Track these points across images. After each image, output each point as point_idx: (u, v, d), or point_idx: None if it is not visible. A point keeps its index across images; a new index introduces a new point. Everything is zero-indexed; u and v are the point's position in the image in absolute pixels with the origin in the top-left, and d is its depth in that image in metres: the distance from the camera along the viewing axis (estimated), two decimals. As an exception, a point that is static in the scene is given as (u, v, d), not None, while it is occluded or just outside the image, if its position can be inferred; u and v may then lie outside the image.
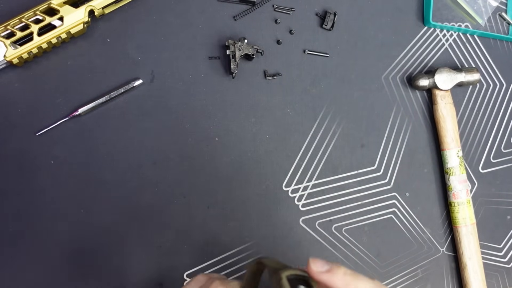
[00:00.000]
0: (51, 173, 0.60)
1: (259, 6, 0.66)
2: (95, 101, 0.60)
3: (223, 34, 0.65)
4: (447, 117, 0.69)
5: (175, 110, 0.63)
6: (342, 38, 0.69)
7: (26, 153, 0.59)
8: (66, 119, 0.60)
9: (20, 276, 0.58)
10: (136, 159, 0.62)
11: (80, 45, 0.61)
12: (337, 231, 0.67)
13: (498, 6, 0.74)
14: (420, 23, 0.72)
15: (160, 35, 0.63)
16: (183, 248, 0.60)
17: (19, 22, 0.57)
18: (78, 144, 0.60)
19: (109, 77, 0.61)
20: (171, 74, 0.63)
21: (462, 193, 0.69)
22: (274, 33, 0.67)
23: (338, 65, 0.68)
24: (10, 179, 0.59)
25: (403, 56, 0.71)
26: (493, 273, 0.72)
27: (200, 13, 0.64)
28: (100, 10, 0.59)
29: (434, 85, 0.68)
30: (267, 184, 0.65)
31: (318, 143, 0.67)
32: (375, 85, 0.70)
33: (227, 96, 0.65)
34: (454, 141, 0.69)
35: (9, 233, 0.58)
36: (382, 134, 0.69)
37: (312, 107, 0.67)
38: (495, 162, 0.73)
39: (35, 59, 0.60)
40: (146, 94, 0.62)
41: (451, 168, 0.69)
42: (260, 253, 0.65)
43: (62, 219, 0.60)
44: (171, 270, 0.62)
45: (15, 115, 0.59)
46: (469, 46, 0.73)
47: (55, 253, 0.59)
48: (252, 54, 0.63)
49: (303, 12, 0.68)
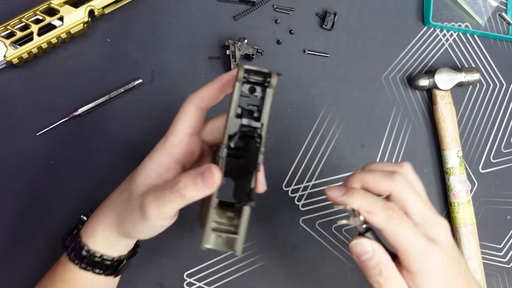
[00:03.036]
0: (51, 173, 0.60)
1: (259, 6, 0.66)
2: (95, 101, 0.60)
3: (223, 34, 0.65)
4: (447, 117, 0.69)
5: (175, 110, 0.63)
6: (342, 38, 0.69)
7: (26, 153, 0.59)
8: (66, 119, 0.60)
9: (20, 276, 0.58)
10: (136, 159, 0.62)
11: (80, 45, 0.61)
12: (337, 231, 0.67)
13: (498, 6, 0.74)
14: (420, 23, 0.72)
15: (160, 35, 0.63)
16: (183, 248, 0.60)
17: (19, 22, 0.57)
18: (78, 144, 0.60)
19: (109, 77, 0.61)
20: (171, 74, 0.63)
21: (462, 193, 0.68)
22: (274, 33, 0.67)
23: (338, 65, 0.68)
24: (10, 179, 0.59)
25: (403, 56, 0.71)
26: (493, 273, 0.72)
27: (200, 13, 0.64)
28: (100, 10, 0.59)
29: (434, 85, 0.68)
30: (267, 184, 0.65)
31: (318, 143, 0.67)
32: (375, 85, 0.69)
33: (227, 96, 0.64)
34: (454, 141, 0.69)
35: (9, 233, 0.58)
36: (382, 134, 0.69)
37: (312, 107, 0.67)
38: (495, 162, 0.73)
39: (35, 59, 0.60)
40: (146, 94, 0.62)
41: (451, 168, 0.69)
42: (260, 253, 0.65)
43: (62, 219, 0.60)
44: (171, 270, 0.62)
45: (15, 115, 0.59)
46: (469, 46, 0.73)
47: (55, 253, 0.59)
48: (252, 54, 0.63)
49: (303, 12, 0.68)
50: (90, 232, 0.47)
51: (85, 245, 0.46)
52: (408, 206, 0.43)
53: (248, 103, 0.40)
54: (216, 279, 0.63)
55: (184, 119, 0.44)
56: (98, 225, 0.46)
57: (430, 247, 0.41)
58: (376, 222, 0.41)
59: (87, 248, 0.46)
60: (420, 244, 0.41)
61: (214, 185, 0.38)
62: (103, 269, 0.47)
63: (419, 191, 0.45)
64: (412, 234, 0.41)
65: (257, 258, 0.64)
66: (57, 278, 0.48)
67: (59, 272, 0.48)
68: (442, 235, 0.43)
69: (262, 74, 0.39)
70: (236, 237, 0.39)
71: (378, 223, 0.41)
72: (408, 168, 0.46)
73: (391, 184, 0.43)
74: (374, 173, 0.44)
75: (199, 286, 0.63)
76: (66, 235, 0.50)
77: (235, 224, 0.39)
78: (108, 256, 0.47)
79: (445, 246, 0.42)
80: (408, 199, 0.43)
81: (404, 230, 0.41)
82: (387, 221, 0.41)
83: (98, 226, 0.46)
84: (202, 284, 0.63)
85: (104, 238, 0.46)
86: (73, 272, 0.47)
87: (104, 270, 0.48)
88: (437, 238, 0.42)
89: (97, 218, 0.47)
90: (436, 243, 0.42)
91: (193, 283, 0.63)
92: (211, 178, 0.38)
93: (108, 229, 0.46)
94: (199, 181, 0.38)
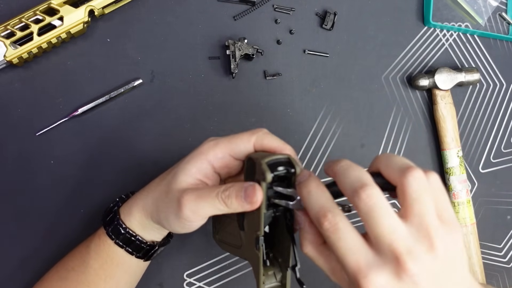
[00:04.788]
0: (51, 173, 0.60)
1: (259, 6, 0.66)
2: (95, 101, 0.60)
3: (223, 34, 0.65)
4: (447, 117, 0.69)
5: (175, 110, 0.63)
6: (342, 38, 0.69)
7: (26, 153, 0.59)
8: (66, 119, 0.60)
9: (20, 276, 0.58)
10: (136, 159, 0.62)
11: (80, 45, 0.61)
12: (337, 231, 0.67)
13: (498, 6, 0.74)
14: (420, 23, 0.72)
15: (160, 35, 0.63)
16: (183, 248, 0.60)
17: (19, 22, 0.57)
18: (78, 144, 0.60)
19: (109, 77, 0.61)
20: (171, 74, 0.63)
21: (462, 193, 0.69)
22: (274, 33, 0.67)
23: (338, 65, 0.68)
24: (10, 179, 0.59)
25: (403, 56, 0.71)
26: (493, 273, 0.72)
27: (200, 13, 0.64)
28: (100, 10, 0.59)
29: (434, 85, 0.68)
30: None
31: (318, 143, 0.67)
32: (375, 85, 0.70)
33: (227, 96, 0.65)
34: (454, 141, 0.69)
35: (9, 234, 0.58)
36: (382, 134, 0.69)
37: (312, 107, 0.67)
38: (495, 162, 0.73)
39: (35, 59, 0.60)
40: (146, 94, 0.62)
41: (451, 168, 0.69)
42: (260, 253, 0.65)
43: (62, 219, 0.60)
44: (171, 270, 0.62)
45: (15, 115, 0.59)
46: (469, 46, 0.73)
47: (56, 254, 0.59)
48: (252, 54, 0.63)
49: (303, 12, 0.68)
50: (128, 212, 0.50)
51: (122, 222, 0.49)
52: (406, 206, 0.37)
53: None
54: (216, 279, 0.63)
55: (240, 141, 0.45)
56: (136, 206, 0.49)
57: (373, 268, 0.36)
58: (312, 219, 0.40)
59: (124, 225, 0.49)
60: (359, 265, 0.36)
61: (255, 203, 0.40)
62: (135, 250, 0.50)
63: (439, 199, 0.38)
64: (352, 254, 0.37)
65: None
66: (92, 249, 0.51)
67: (95, 243, 0.51)
68: (439, 253, 0.36)
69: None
70: None
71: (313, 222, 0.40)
72: (433, 176, 0.39)
73: (402, 176, 0.38)
74: (391, 159, 0.40)
75: (199, 286, 0.63)
76: (106, 211, 0.53)
77: (280, 280, 0.45)
78: (141, 238, 0.49)
79: (434, 257, 0.36)
80: (409, 201, 0.37)
81: (338, 248, 0.37)
82: (318, 227, 0.38)
83: (136, 207, 0.49)
84: (202, 284, 0.63)
85: (139, 219, 0.49)
86: (108, 246, 0.50)
87: (137, 251, 0.50)
88: (429, 249, 0.36)
89: (135, 200, 0.50)
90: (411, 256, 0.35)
91: (193, 283, 0.63)
92: (254, 196, 0.40)
93: (143, 212, 0.49)
94: (242, 195, 0.41)
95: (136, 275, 0.54)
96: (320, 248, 0.41)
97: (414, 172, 0.37)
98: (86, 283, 0.50)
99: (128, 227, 0.49)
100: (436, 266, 0.36)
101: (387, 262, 0.35)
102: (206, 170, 0.45)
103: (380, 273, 0.35)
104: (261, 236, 0.42)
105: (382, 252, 0.36)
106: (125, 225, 0.49)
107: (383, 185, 0.39)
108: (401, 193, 0.38)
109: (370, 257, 0.36)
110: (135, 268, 0.52)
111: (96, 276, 0.50)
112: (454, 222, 0.38)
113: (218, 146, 0.45)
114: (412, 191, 0.37)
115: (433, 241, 0.36)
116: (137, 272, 0.54)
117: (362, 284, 0.35)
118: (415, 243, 0.36)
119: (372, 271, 0.35)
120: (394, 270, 0.35)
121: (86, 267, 0.51)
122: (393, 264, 0.35)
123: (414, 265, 0.35)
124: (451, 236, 0.37)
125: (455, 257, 0.37)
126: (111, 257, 0.50)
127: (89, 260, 0.51)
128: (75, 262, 0.52)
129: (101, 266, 0.50)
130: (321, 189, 0.40)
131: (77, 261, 0.52)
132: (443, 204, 0.38)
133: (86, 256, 0.51)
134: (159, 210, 0.47)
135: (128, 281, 0.53)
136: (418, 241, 0.36)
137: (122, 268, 0.51)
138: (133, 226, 0.49)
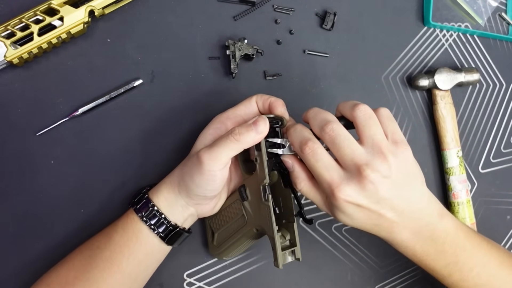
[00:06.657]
0: (51, 173, 0.60)
1: (259, 6, 0.66)
2: (95, 101, 0.60)
3: (223, 34, 0.65)
4: (447, 117, 0.69)
5: (175, 110, 0.63)
6: (342, 38, 0.69)
7: (26, 153, 0.59)
8: (66, 119, 0.60)
9: (20, 276, 0.58)
10: (136, 159, 0.62)
11: (80, 45, 0.61)
12: (337, 231, 0.67)
13: (498, 6, 0.74)
14: (420, 23, 0.72)
15: (160, 35, 0.63)
16: (183, 248, 0.60)
17: (19, 22, 0.57)
18: (78, 144, 0.60)
19: (109, 77, 0.61)
20: (171, 74, 0.63)
21: (462, 193, 0.69)
22: (274, 33, 0.67)
23: (338, 65, 0.68)
24: (10, 179, 0.59)
25: (403, 56, 0.71)
26: (493, 273, 0.72)
27: (200, 13, 0.64)
28: (100, 10, 0.59)
29: (434, 85, 0.68)
30: (267, 184, 0.65)
31: (318, 143, 0.67)
32: (375, 85, 0.70)
33: (227, 96, 0.65)
34: (454, 141, 0.69)
35: (9, 234, 0.58)
36: (382, 134, 0.69)
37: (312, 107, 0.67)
38: (495, 162, 0.73)
39: (35, 59, 0.60)
40: (146, 94, 0.62)
41: (451, 168, 0.69)
42: (260, 253, 0.65)
43: (62, 219, 0.60)
44: (171, 270, 0.62)
45: (15, 115, 0.59)
46: (469, 46, 0.73)
47: (56, 253, 0.59)
48: (252, 54, 0.63)
49: (303, 12, 0.68)
50: (156, 190, 0.54)
51: (149, 199, 0.53)
52: (359, 133, 0.48)
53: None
54: (216, 279, 0.63)
55: (244, 106, 0.55)
56: (163, 183, 0.54)
57: (349, 181, 0.46)
58: (296, 152, 0.50)
59: (151, 202, 0.53)
60: (333, 181, 0.47)
61: (264, 131, 0.49)
62: (159, 227, 0.53)
63: (387, 124, 0.49)
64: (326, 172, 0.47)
65: (257, 258, 0.64)
66: (119, 226, 0.54)
67: (123, 222, 0.54)
68: (392, 164, 0.46)
69: None
70: (295, 248, 0.51)
71: (298, 153, 0.50)
72: (383, 109, 0.50)
73: (352, 111, 0.48)
74: (346, 103, 0.50)
75: (199, 286, 0.63)
76: (136, 192, 0.57)
77: (289, 239, 0.52)
78: (165, 216, 0.53)
79: (386, 175, 0.46)
80: (360, 127, 0.48)
81: (316, 167, 0.48)
82: (301, 154, 0.48)
83: (163, 183, 0.54)
84: (202, 284, 0.63)
85: (166, 194, 0.53)
86: (135, 224, 0.53)
87: (161, 230, 0.53)
88: (379, 168, 0.46)
89: (164, 179, 0.55)
90: (370, 170, 0.45)
91: (193, 283, 0.63)
92: (263, 125, 0.49)
93: (170, 184, 0.53)
94: (252, 127, 0.48)
95: (155, 260, 0.56)
96: (310, 183, 0.50)
97: (360, 106, 0.48)
98: (110, 260, 0.52)
99: (154, 202, 0.53)
100: (392, 173, 0.46)
101: (354, 175, 0.46)
102: (221, 128, 0.54)
103: (349, 184, 0.46)
104: (267, 184, 0.50)
105: (349, 169, 0.46)
106: (152, 201, 0.53)
107: (346, 124, 0.49)
108: (355, 124, 0.48)
109: (341, 173, 0.47)
110: (157, 251, 0.55)
111: (120, 253, 0.52)
112: (403, 141, 0.48)
113: (227, 111, 0.55)
114: (361, 120, 0.48)
115: (386, 155, 0.46)
116: (157, 257, 0.56)
117: (336, 193, 0.46)
118: (372, 158, 0.46)
119: (343, 183, 0.46)
120: (359, 180, 0.46)
121: (111, 244, 0.53)
122: (358, 176, 0.46)
123: (372, 173, 0.45)
124: (400, 151, 0.47)
125: (407, 168, 0.48)
126: (136, 234, 0.53)
127: (115, 236, 0.53)
128: (101, 241, 0.54)
129: (125, 243, 0.52)
130: (304, 127, 0.50)
131: (103, 239, 0.54)
132: (392, 128, 0.48)
133: (113, 233, 0.53)
134: (184, 173, 0.51)
135: (148, 265, 0.55)
136: (373, 155, 0.46)
137: (145, 249, 0.53)
138: (160, 203, 0.53)
